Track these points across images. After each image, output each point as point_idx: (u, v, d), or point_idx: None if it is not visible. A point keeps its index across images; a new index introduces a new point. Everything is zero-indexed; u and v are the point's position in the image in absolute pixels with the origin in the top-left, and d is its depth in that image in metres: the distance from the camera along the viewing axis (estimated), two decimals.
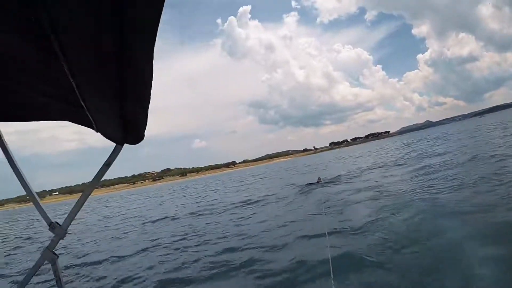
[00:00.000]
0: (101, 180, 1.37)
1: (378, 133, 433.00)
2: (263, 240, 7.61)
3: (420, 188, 9.99)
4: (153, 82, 0.86)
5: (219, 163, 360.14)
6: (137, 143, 1.22)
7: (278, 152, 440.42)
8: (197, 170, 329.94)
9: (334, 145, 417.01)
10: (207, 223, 11.51)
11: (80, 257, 9.29)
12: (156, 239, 10.05)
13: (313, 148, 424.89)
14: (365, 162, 27.14)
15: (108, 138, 1.21)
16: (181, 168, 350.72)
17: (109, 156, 1.26)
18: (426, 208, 7.50)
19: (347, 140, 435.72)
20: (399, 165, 19.11)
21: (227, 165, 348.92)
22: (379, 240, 5.94)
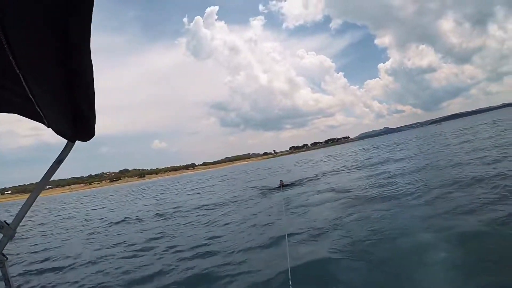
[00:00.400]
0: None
1: (338, 138, 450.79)
2: (223, 243, 7.34)
3: (378, 190, 10.19)
4: (95, 77, 0.89)
5: (179, 165, 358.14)
6: (88, 139, 1.20)
7: (238, 155, 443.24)
8: (156, 172, 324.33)
9: (294, 149, 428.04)
10: (167, 225, 11.00)
11: (33, 262, 8.52)
12: (118, 243, 9.43)
13: (273, 152, 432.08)
14: (326, 165, 27.62)
15: (59, 134, 1.17)
16: (139, 169, 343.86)
17: (60, 153, 1.23)
18: (384, 209, 7.60)
19: (307, 144, 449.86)
20: (358, 168, 19.58)
21: (186, 167, 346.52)
22: (338, 241, 5.97)
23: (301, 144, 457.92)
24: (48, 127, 1.09)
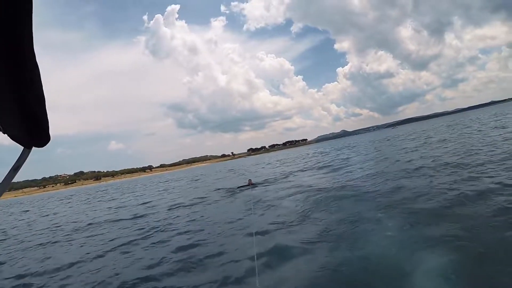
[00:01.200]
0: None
1: (296, 141, 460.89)
2: (192, 242, 7.38)
3: (339, 187, 10.91)
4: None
5: (136, 167, 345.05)
6: (44, 145, 1.12)
7: (196, 157, 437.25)
8: (112, 174, 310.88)
9: (253, 151, 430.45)
10: (133, 228, 10.64)
11: None
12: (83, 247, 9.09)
13: (231, 154, 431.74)
14: (287, 166, 28.14)
15: (15, 141, 1.08)
16: (95, 171, 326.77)
17: (17, 160, 1.13)
18: (346, 204, 8.25)
19: (265, 146, 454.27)
20: (319, 168, 20.55)
21: (143, 169, 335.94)
22: (304, 235, 6.28)
23: (259, 146, 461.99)
24: (4, 133, 1.04)
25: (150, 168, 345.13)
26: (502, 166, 8.57)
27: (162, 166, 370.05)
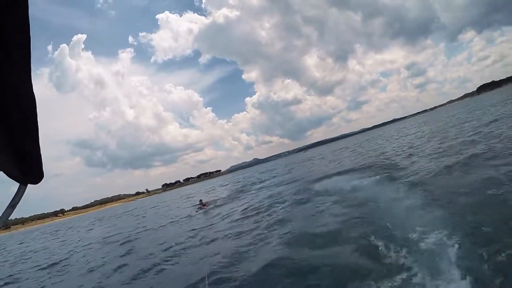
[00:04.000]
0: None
1: (210, 172, 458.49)
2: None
3: (267, 207, 12.05)
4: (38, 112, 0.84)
5: (46, 212, 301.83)
6: (38, 182, 1.11)
7: (109, 197, 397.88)
8: (22, 222, 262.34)
9: (167, 186, 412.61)
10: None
11: None
12: None
13: (146, 191, 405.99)
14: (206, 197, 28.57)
15: (11, 178, 1.07)
16: None
17: (13, 197, 1.12)
18: (278, 220, 9.41)
19: (180, 181, 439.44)
20: (243, 192, 22.02)
21: (55, 214, 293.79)
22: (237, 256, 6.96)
23: (173, 181, 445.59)
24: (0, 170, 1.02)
25: (62, 211, 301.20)
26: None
27: (74, 209, 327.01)
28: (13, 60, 0.70)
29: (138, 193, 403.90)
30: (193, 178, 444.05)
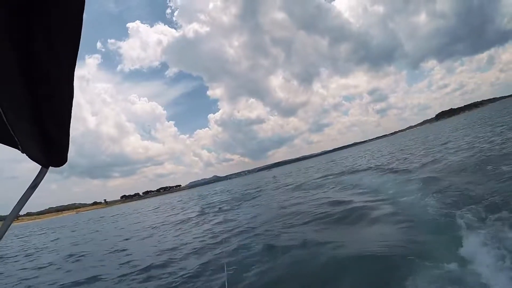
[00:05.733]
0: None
1: (170, 187, 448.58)
2: None
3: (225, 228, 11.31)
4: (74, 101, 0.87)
5: None
6: (61, 165, 1.20)
7: (64, 205, 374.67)
8: None
9: (126, 198, 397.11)
10: None
11: None
12: None
13: (104, 201, 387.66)
14: (175, 212, 27.41)
15: (33, 160, 1.14)
16: None
17: (35, 179, 1.19)
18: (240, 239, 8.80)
19: (139, 193, 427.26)
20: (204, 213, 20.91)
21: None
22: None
23: (132, 193, 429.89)
24: (22, 152, 1.06)
25: (17, 217, 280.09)
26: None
27: (28, 214, 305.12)
28: (61, 55, 0.72)
29: (95, 203, 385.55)
30: (153, 191, 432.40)
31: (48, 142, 1.02)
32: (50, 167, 1.19)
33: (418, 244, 5.05)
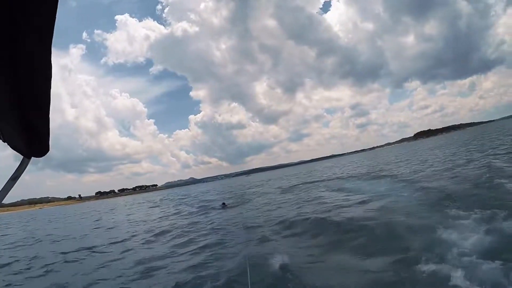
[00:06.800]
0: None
1: (146, 186, 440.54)
2: None
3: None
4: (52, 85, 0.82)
5: None
6: (43, 155, 1.11)
7: (37, 198, 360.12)
8: None
9: (101, 194, 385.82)
10: None
11: None
12: None
13: (78, 197, 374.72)
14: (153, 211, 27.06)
15: (15, 150, 1.05)
16: None
17: (16, 170, 1.11)
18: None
19: (114, 190, 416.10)
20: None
21: None
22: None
23: (107, 190, 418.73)
24: (3, 141, 0.98)
25: None
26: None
27: (1, 206, 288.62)
28: (34, 27, 0.66)
29: (70, 198, 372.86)
30: (129, 189, 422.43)
31: (29, 130, 0.96)
32: (32, 157, 1.11)
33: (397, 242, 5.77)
